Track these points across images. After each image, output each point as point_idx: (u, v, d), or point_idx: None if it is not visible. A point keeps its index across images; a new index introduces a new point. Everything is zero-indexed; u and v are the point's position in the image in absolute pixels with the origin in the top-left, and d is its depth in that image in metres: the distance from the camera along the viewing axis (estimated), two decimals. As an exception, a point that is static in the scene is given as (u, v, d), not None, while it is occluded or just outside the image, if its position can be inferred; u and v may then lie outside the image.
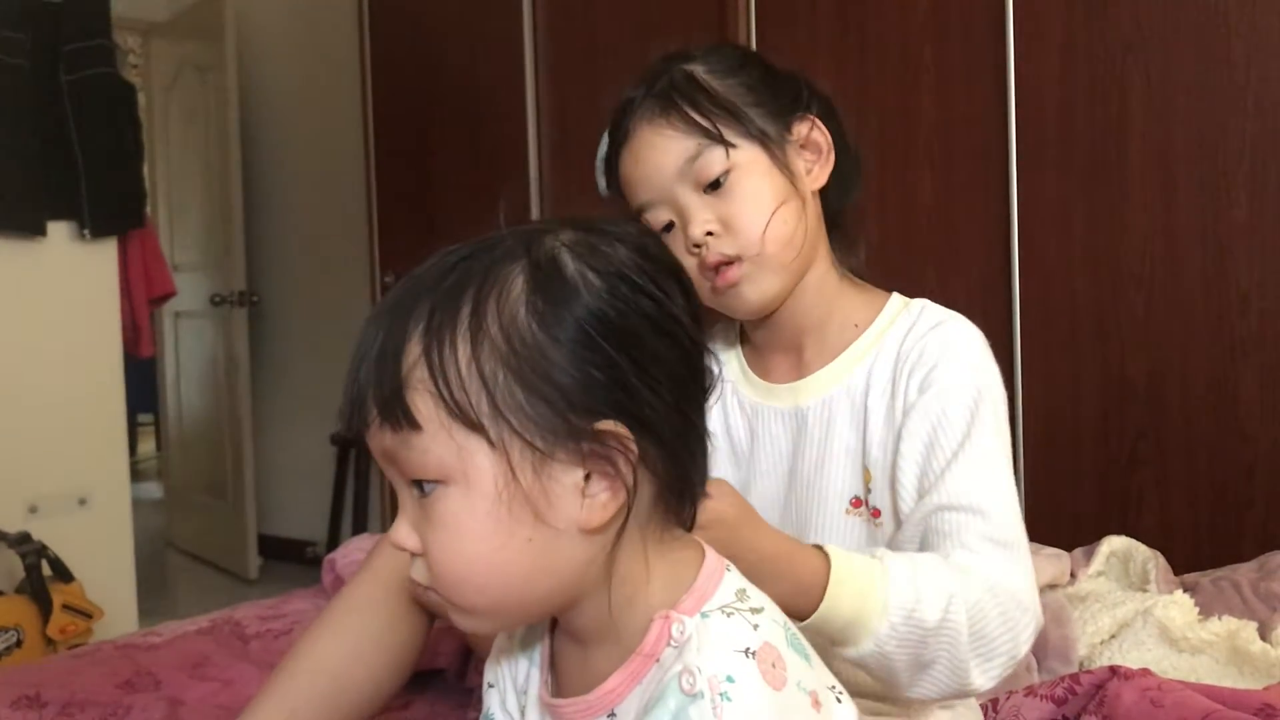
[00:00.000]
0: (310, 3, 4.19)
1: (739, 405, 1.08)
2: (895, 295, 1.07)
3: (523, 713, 0.77)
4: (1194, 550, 1.94)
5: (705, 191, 0.99)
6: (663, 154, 0.99)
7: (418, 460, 0.63)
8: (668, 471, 0.66)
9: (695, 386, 0.68)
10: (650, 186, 1.00)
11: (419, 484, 0.65)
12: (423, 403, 0.63)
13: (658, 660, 0.65)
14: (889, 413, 0.99)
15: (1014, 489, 0.95)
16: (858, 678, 0.92)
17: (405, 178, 3.40)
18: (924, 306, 1.03)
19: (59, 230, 3.10)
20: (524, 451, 0.62)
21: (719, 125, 0.98)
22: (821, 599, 0.81)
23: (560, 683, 0.73)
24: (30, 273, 3.03)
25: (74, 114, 3.11)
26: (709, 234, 0.98)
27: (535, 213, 3.02)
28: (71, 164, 3.10)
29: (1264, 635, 1.35)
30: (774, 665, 0.63)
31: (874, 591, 0.82)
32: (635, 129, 1.01)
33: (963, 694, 0.88)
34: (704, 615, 0.65)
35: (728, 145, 0.98)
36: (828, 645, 0.84)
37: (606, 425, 0.63)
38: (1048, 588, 1.54)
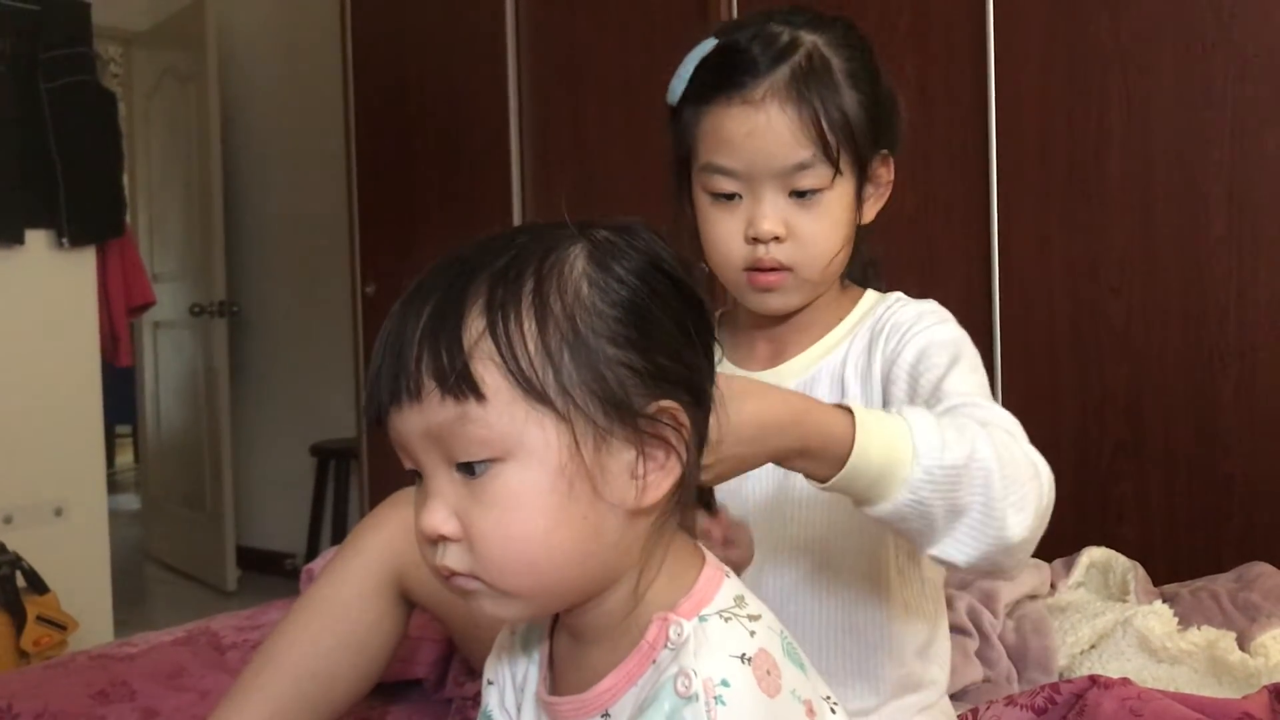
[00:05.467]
0: (292, 12, 4.19)
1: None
2: (870, 290, 1.09)
3: (519, 710, 0.77)
4: (1173, 561, 1.95)
5: (790, 195, 0.98)
6: (777, 144, 0.96)
7: (478, 435, 0.62)
8: (694, 455, 0.68)
9: (711, 369, 0.70)
10: (743, 160, 0.97)
11: (467, 466, 0.63)
12: (489, 374, 0.62)
13: (654, 662, 0.65)
14: (865, 382, 1.01)
15: None
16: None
17: (387, 188, 3.39)
18: (898, 295, 1.06)
19: (37, 239, 3.08)
20: (586, 426, 0.63)
21: (840, 147, 0.97)
22: (850, 451, 0.77)
23: (558, 681, 0.73)
24: (8, 281, 3.01)
25: (53, 122, 3.09)
26: (775, 238, 0.98)
27: (517, 219, 3.01)
28: (50, 172, 3.09)
29: (1242, 645, 1.35)
30: (769, 672, 0.64)
31: (901, 438, 0.79)
32: (765, 101, 0.95)
33: (1002, 548, 0.82)
34: (702, 619, 0.65)
35: (837, 171, 0.97)
36: (859, 509, 0.81)
37: (666, 404, 0.65)
38: (1028, 598, 1.54)
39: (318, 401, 4.15)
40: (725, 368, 1.09)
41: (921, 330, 0.98)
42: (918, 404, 0.93)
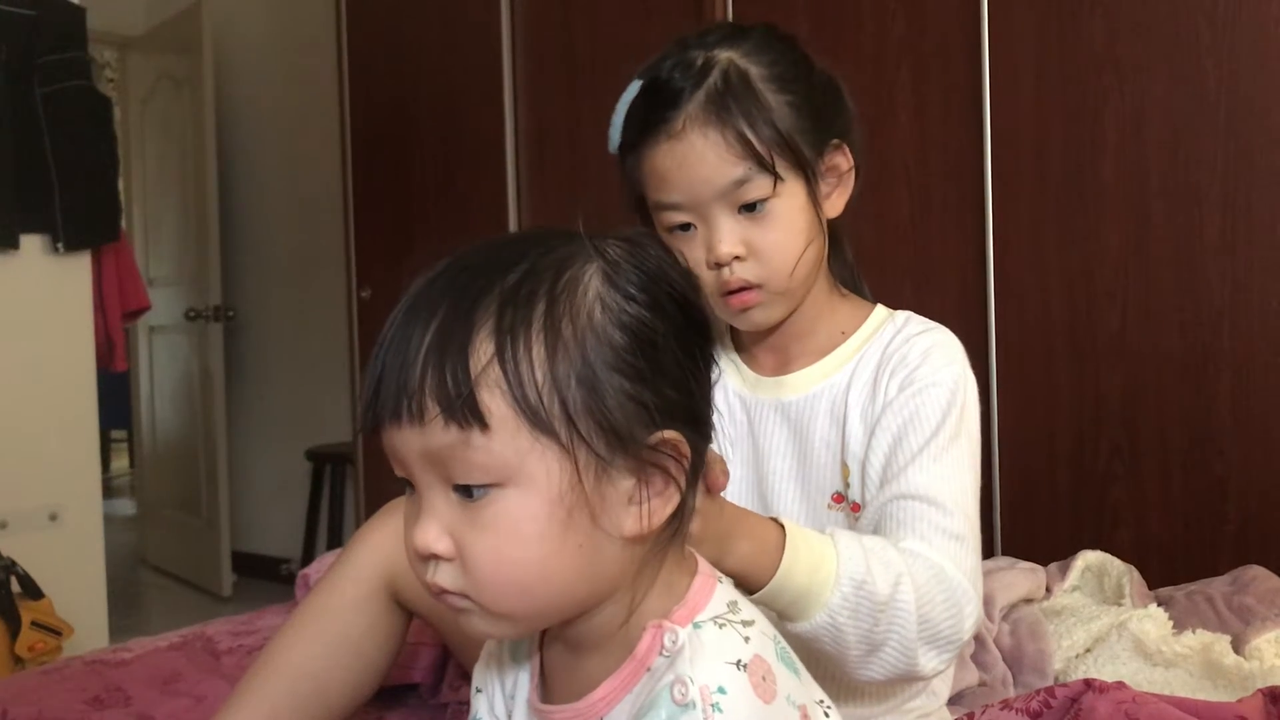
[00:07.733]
0: (288, 16, 4.19)
1: (729, 395, 1.09)
2: (879, 306, 1.09)
3: (509, 717, 0.77)
4: (1168, 565, 1.95)
5: (740, 212, 0.97)
6: (710, 169, 0.96)
7: (478, 461, 0.61)
8: (692, 483, 0.67)
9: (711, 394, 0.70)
10: (684, 192, 0.97)
11: (464, 488, 0.62)
12: (495, 403, 0.61)
13: (649, 669, 0.65)
14: (865, 410, 1.01)
15: (975, 491, 0.96)
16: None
17: (382, 192, 3.39)
18: (908, 317, 1.06)
19: (32, 243, 3.07)
20: (588, 457, 0.62)
21: (774, 155, 0.96)
22: (778, 565, 0.80)
23: (550, 689, 0.73)
24: (2, 286, 3.00)
25: (49, 126, 3.08)
26: (736, 258, 0.98)
27: (513, 226, 3.02)
28: (46, 176, 3.08)
29: (1238, 648, 1.35)
30: (764, 678, 0.64)
31: (826, 561, 0.82)
32: (685, 131, 0.96)
33: (912, 677, 0.89)
34: (696, 626, 0.65)
35: (778, 178, 0.96)
36: (779, 622, 0.84)
37: (669, 435, 0.64)
38: (1023, 602, 1.54)
39: (313, 406, 4.14)
40: (739, 371, 1.10)
41: (924, 378, 0.98)
42: (892, 467, 0.96)
